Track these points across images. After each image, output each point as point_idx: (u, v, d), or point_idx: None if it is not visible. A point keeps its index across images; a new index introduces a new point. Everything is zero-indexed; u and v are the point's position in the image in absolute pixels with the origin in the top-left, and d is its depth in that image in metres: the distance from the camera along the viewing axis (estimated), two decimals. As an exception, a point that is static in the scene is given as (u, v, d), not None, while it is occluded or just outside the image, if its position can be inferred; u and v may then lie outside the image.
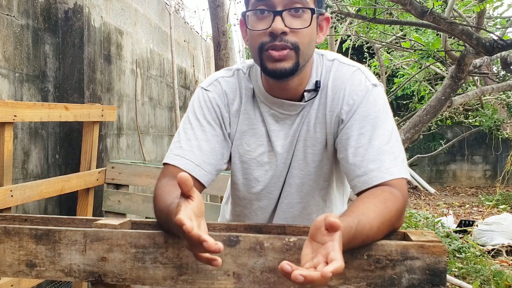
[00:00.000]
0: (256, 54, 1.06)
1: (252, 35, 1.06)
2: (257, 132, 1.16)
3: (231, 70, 1.20)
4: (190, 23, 7.02)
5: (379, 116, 1.05)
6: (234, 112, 1.16)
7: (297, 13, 1.02)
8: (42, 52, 3.00)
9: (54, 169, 3.11)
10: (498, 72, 9.47)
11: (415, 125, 3.39)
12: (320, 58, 1.15)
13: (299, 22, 1.02)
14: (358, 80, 1.10)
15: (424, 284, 0.85)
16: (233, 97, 1.17)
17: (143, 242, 0.92)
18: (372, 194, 0.96)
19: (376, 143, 1.02)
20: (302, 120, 1.13)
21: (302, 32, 1.03)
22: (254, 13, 1.04)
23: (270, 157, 1.16)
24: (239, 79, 1.18)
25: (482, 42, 2.64)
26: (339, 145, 1.09)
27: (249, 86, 1.17)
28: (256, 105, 1.16)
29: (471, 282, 3.27)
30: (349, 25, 5.43)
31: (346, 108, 1.08)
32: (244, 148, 1.17)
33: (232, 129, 1.17)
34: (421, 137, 8.86)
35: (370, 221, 0.86)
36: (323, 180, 1.18)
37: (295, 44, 1.02)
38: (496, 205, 6.57)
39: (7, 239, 0.95)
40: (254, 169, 1.17)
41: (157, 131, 5.18)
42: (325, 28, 1.13)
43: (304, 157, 1.15)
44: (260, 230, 1.04)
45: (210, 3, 4.21)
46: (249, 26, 1.06)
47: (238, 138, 1.17)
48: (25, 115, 2.28)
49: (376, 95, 1.08)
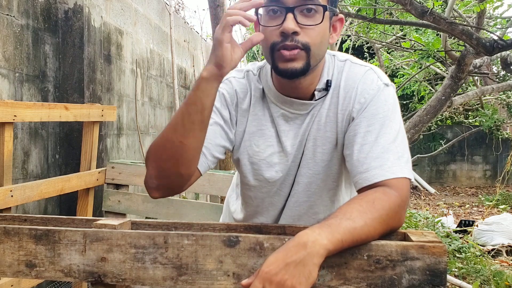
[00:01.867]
0: (268, 53, 1.06)
1: (265, 32, 1.06)
2: (266, 133, 1.16)
3: (242, 72, 1.21)
4: (190, 23, 7.01)
5: (388, 115, 1.05)
6: (242, 112, 1.17)
7: (309, 13, 1.02)
8: (42, 52, 3.00)
9: (54, 169, 3.11)
10: (498, 72, 9.47)
11: (415, 125, 3.39)
12: (332, 58, 1.15)
13: (311, 20, 1.03)
14: (370, 79, 1.10)
15: (424, 284, 0.84)
16: (243, 97, 1.17)
17: (143, 242, 0.92)
18: (361, 195, 0.97)
19: (381, 141, 1.02)
20: (312, 119, 1.13)
21: (313, 31, 1.03)
22: (267, 10, 1.05)
23: (281, 157, 1.16)
24: (249, 80, 1.19)
25: (482, 42, 2.64)
26: (347, 141, 1.09)
27: (259, 87, 1.17)
28: (266, 105, 1.16)
29: (471, 282, 3.27)
30: (349, 25, 5.43)
31: (357, 107, 1.08)
32: (253, 149, 1.17)
33: (238, 128, 1.18)
34: (421, 137, 8.86)
35: (354, 218, 0.87)
36: (331, 181, 1.18)
37: (306, 45, 1.02)
38: (496, 205, 6.57)
39: (7, 239, 0.95)
40: (265, 170, 1.18)
41: (157, 131, 5.18)
42: (338, 29, 1.13)
43: (313, 156, 1.15)
44: (260, 230, 1.04)
45: (210, 3, 4.21)
46: (262, 22, 1.07)
47: (247, 140, 1.18)
48: (25, 115, 2.28)
49: (387, 94, 1.08)
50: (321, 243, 0.83)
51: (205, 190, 2.72)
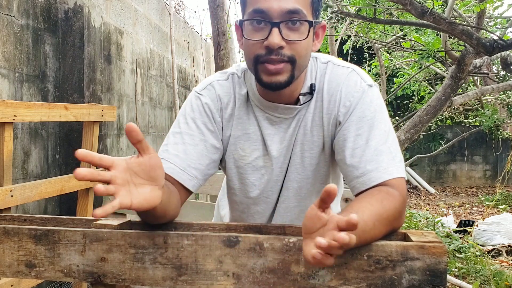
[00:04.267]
0: (251, 64, 1.05)
1: (247, 44, 1.04)
2: (252, 136, 1.15)
3: (226, 74, 1.19)
4: (190, 23, 7.01)
5: (375, 116, 1.05)
6: (227, 116, 1.15)
7: (295, 26, 1.01)
8: (42, 52, 3.00)
9: (54, 169, 3.11)
10: (498, 72, 9.47)
11: (415, 125, 3.39)
12: (314, 61, 1.14)
13: (296, 35, 1.01)
14: (353, 81, 1.09)
15: (424, 285, 0.84)
16: (227, 101, 1.15)
17: (142, 242, 0.92)
18: (369, 194, 0.96)
19: (373, 143, 1.02)
20: (298, 123, 1.13)
21: (299, 45, 1.01)
22: (251, 22, 1.03)
23: (266, 161, 1.15)
24: (234, 83, 1.17)
25: (482, 42, 2.64)
26: (337, 146, 1.09)
27: (243, 90, 1.16)
28: (251, 109, 1.15)
29: (471, 282, 3.27)
30: (349, 25, 5.42)
31: (343, 110, 1.08)
32: (239, 153, 1.16)
33: (225, 134, 1.16)
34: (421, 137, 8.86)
35: (365, 218, 0.85)
36: (320, 183, 1.18)
37: (291, 57, 1.01)
38: (496, 205, 6.57)
39: (7, 239, 0.95)
40: (250, 173, 1.17)
41: (157, 131, 5.18)
42: (321, 36, 1.12)
43: (301, 160, 1.14)
44: (260, 230, 1.04)
45: (210, 3, 4.21)
46: (245, 34, 1.04)
47: (233, 144, 1.16)
48: (25, 115, 2.27)
49: (371, 95, 1.08)
50: None
51: (205, 190, 2.72)
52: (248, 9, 1.03)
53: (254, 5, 1.01)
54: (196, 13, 23.59)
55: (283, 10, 0.99)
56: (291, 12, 1.00)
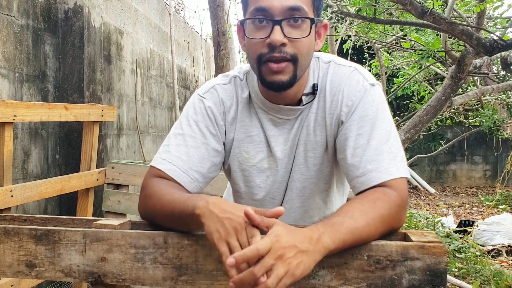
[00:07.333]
0: (255, 64, 1.05)
1: (250, 43, 1.04)
2: (255, 138, 1.15)
3: (228, 77, 1.19)
4: (190, 23, 7.02)
5: (377, 116, 1.05)
6: (230, 120, 1.15)
7: (296, 23, 1.01)
8: (42, 52, 3.00)
9: (54, 169, 3.11)
10: (498, 72, 9.47)
11: (415, 125, 3.39)
12: (316, 61, 1.14)
13: (298, 32, 1.01)
14: (355, 80, 1.09)
15: (424, 284, 0.84)
16: (230, 104, 1.15)
17: (142, 242, 0.92)
18: (362, 195, 0.97)
19: (374, 143, 1.02)
20: (301, 124, 1.13)
21: (301, 42, 1.02)
22: (253, 21, 1.03)
23: (270, 163, 1.15)
24: (236, 86, 1.17)
25: (482, 42, 2.64)
26: (338, 145, 1.09)
27: (245, 93, 1.16)
28: (253, 111, 1.15)
29: (471, 282, 3.26)
30: (349, 25, 5.42)
31: (345, 110, 1.08)
32: (243, 156, 1.16)
33: (228, 137, 1.16)
34: (421, 137, 8.85)
35: (356, 218, 0.86)
36: (323, 183, 1.18)
37: (294, 56, 1.01)
38: (496, 205, 6.57)
39: (7, 239, 0.95)
40: (255, 176, 1.17)
41: (157, 131, 5.18)
42: (323, 35, 1.12)
43: (305, 161, 1.14)
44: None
45: (210, 3, 4.21)
46: (247, 34, 1.05)
47: (236, 147, 1.16)
48: (25, 115, 2.28)
49: (374, 94, 1.08)
50: (323, 241, 0.83)
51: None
52: (250, 8, 1.04)
53: (256, 4, 1.02)
54: (196, 13, 23.60)
55: (284, 7, 0.99)
56: (293, 9, 1.00)
